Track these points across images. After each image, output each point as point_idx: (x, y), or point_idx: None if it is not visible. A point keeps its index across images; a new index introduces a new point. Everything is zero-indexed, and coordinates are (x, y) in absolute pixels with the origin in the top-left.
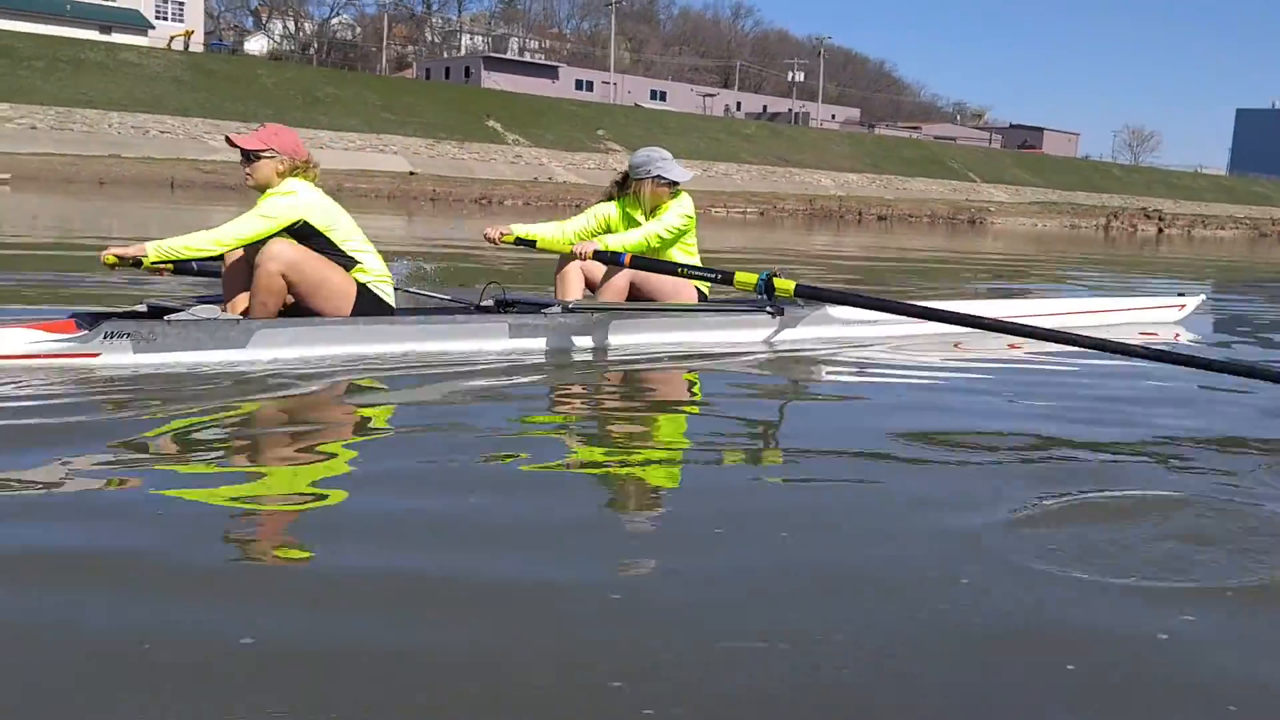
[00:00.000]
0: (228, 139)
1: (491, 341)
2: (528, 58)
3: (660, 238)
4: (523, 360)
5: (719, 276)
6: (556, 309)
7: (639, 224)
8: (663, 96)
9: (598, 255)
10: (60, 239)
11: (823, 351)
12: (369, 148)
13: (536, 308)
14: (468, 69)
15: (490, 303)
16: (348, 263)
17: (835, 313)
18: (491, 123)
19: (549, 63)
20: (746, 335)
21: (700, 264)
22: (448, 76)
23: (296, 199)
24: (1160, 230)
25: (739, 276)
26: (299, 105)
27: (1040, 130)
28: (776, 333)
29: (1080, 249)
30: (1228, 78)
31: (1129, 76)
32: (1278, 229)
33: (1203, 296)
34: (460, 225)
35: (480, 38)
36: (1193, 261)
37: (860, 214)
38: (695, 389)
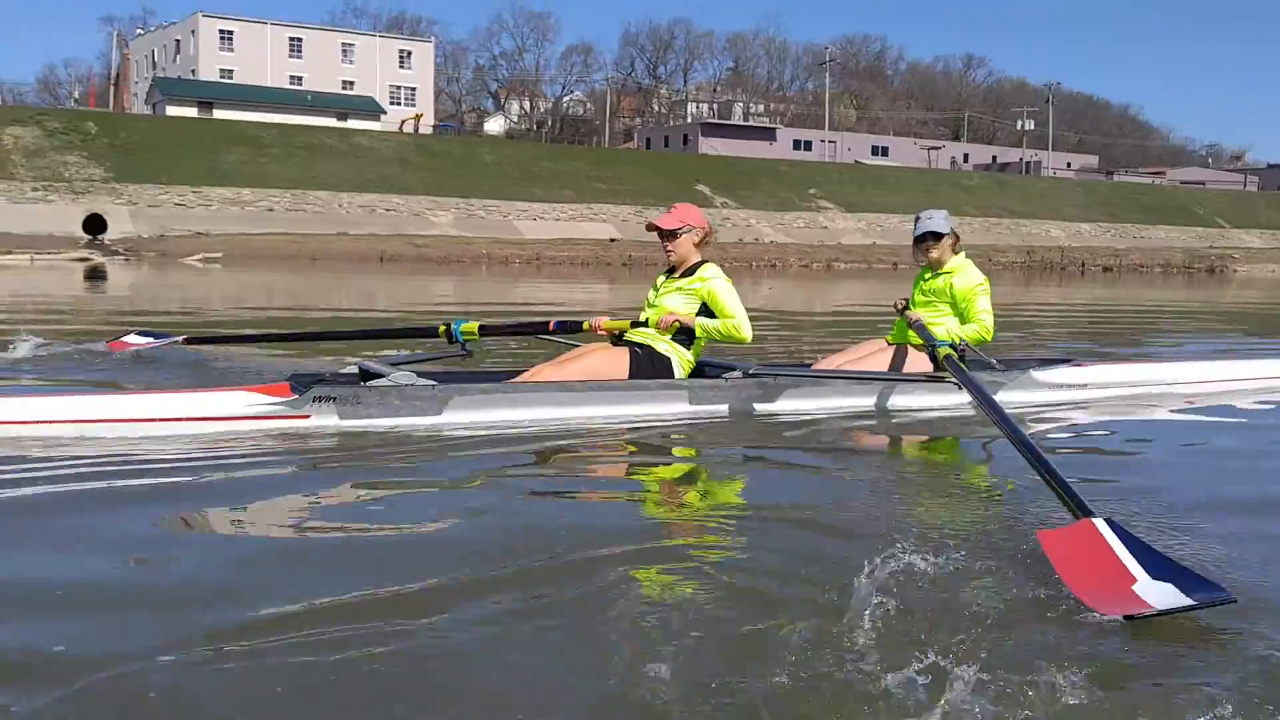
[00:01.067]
0: (648, 225)
1: (677, 405)
2: (751, 122)
3: (989, 329)
4: (708, 422)
5: (933, 343)
6: (737, 374)
7: (924, 279)
8: (885, 152)
9: (919, 334)
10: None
11: (1033, 414)
12: (579, 217)
13: (719, 371)
14: (686, 136)
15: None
16: (690, 340)
17: (1040, 376)
18: (700, 186)
19: (765, 125)
20: (934, 400)
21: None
22: (667, 145)
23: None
24: None
25: (939, 336)
26: (515, 179)
27: None
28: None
29: None
30: None
31: None
32: None
33: None
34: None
35: (706, 105)
36: None
37: (1084, 264)
38: (874, 449)
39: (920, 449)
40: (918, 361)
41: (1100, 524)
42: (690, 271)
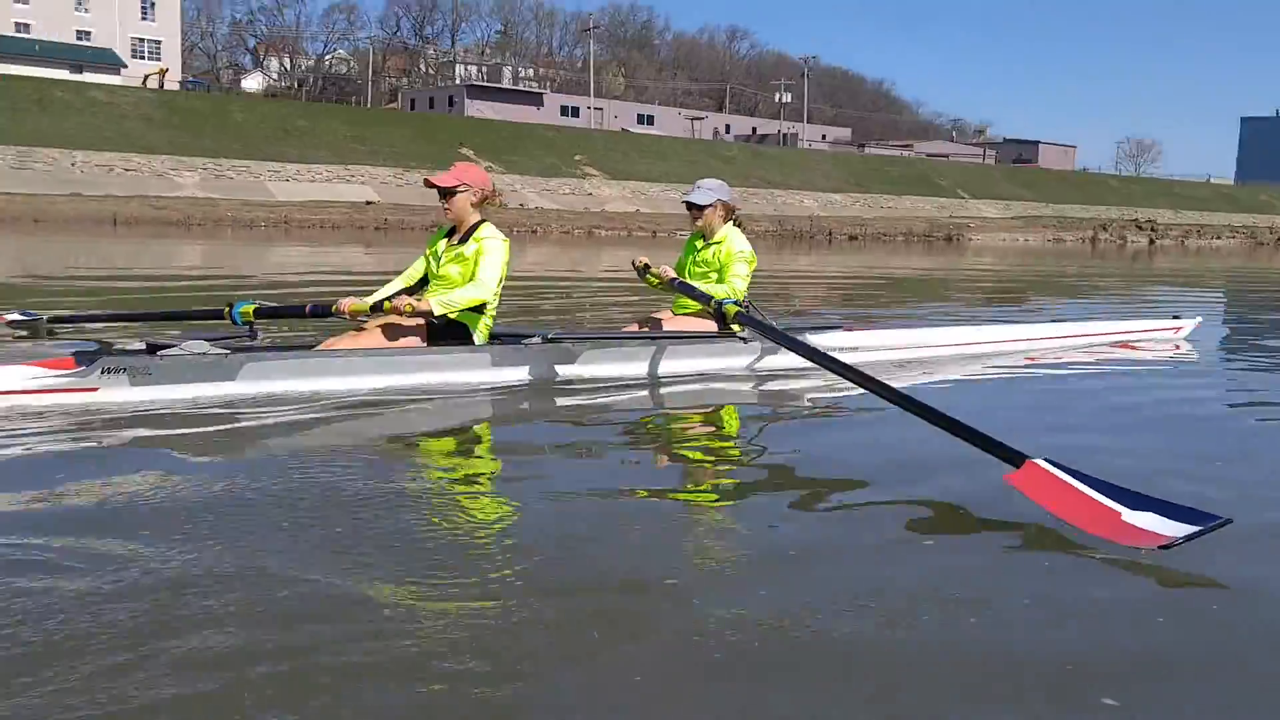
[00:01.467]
0: (425, 181)
1: (480, 372)
2: (519, 86)
3: (740, 292)
4: (508, 387)
5: (701, 296)
6: (537, 339)
7: (695, 247)
8: (650, 121)
9: (679, 286)
10: None
11: (795, 375)
12: (335, 178)
13: (518, 338)
14: (451, 99)
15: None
16: (482, 305)
17: (815, 340)
18: (465, 150)
19: (533, 90)
20: (721, 362)
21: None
22: (432, 107)
23: (506, 245)
24: (1152, 241)
25: (716, 295)
26: (268, 139)
27: (1036, 144)
28: (758, 359)
29: (1063, 263)
30: (1232, 86)
31: (1130, 87)
32: (1275, 236)
33: (1199, 319)
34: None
35: (474, 68)
36: (1185, 272)
37: (831, 233)
38: (676, 411)
39: (722, 407)
40: (707, 326)
41: (1044, 463)
42: (469, 234)
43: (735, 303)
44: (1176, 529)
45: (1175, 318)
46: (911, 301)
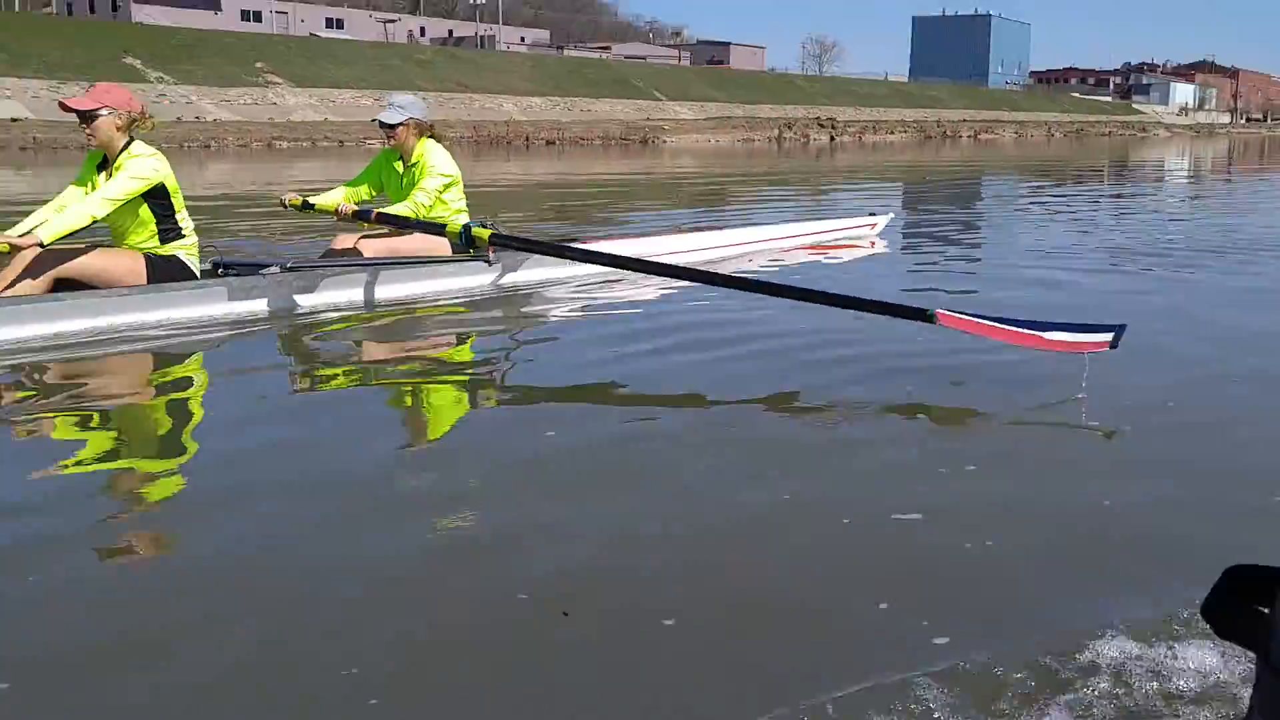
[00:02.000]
0: (61, 104)
1: (213, 306)
2: None
3: (425, 206)
4: (249, 321)
5: (432, 228)
6: (275, 269)
7: (395, 170)
8: (340, 24)
9: (356, 215)
10: None
11: (537, 291)
12: None
13: (254, 269)
14: (115, 2)
15: (209, 266)
16: (175, 232)
17: (545, 257)
18: (130, 60)
19: None
20: (463, 282)
21: (464, 212)
22: (93, 11)
23: (160, 162)
24: (833, 139)
25: (449, 228)
26: None
27: (727, 45)
28: (500, 277)
29: (754, 163)
30: None
31: None
32: (941, 130)
33: (891, 214)
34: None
35: None
36: (865, 166)
37: (528, 138)
38: (411, 334)
39: (467, 324)
40: (429, 243)
41: (946, 314)
42: (118, 159)
43: (480, 224)
44: (1100, 336)
45: (871, 214)
46: (623, 207)
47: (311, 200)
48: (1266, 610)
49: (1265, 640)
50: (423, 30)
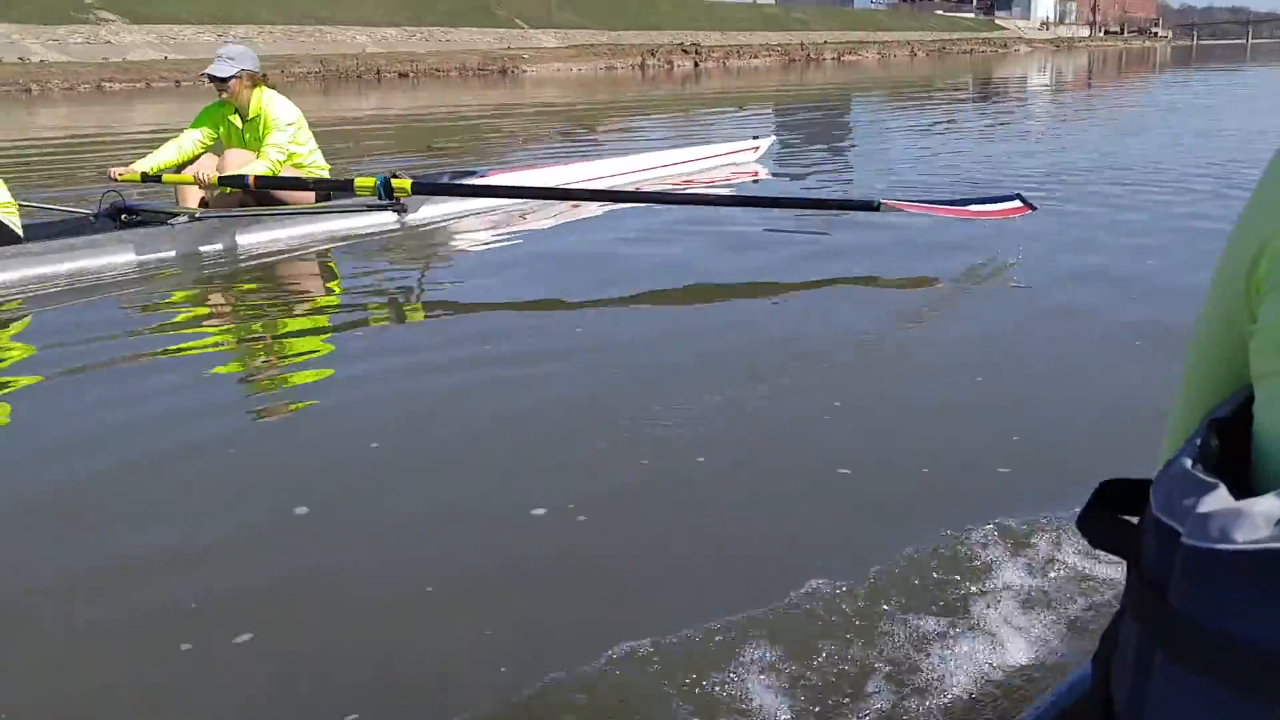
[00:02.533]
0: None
1: (120, 256)
2: None
3: (279, 162)
4: (156, 271)
5: (339, 186)
6: (183, 219)
7: (233, 125)
8: None
9: (223, 181)
10: None
11: (442, 226)
12: None
13: (161, 216)
14: None
15: (109, 209)
16: None
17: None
18: None
19: None
20: (374, 220)
21: (319, 161)
22: None
23: None
24: (697, 65)
25: (358, 183)
26: None
27: None
28: (402, 215)
29: (621, 90)
30: None
31: None
32: (805, 53)
33: (773, 137)
34: None
35: None
36: (732, 91)
37: (379, 72)
38: (327, 275)
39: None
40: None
41: (888, 201)
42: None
43: (393, 174)
44: (1015, 204)
45: (755, 138)
46: (497, 141)
47: (150, 170)
48: (1136, 520)
49: (1135, 549)
50: None
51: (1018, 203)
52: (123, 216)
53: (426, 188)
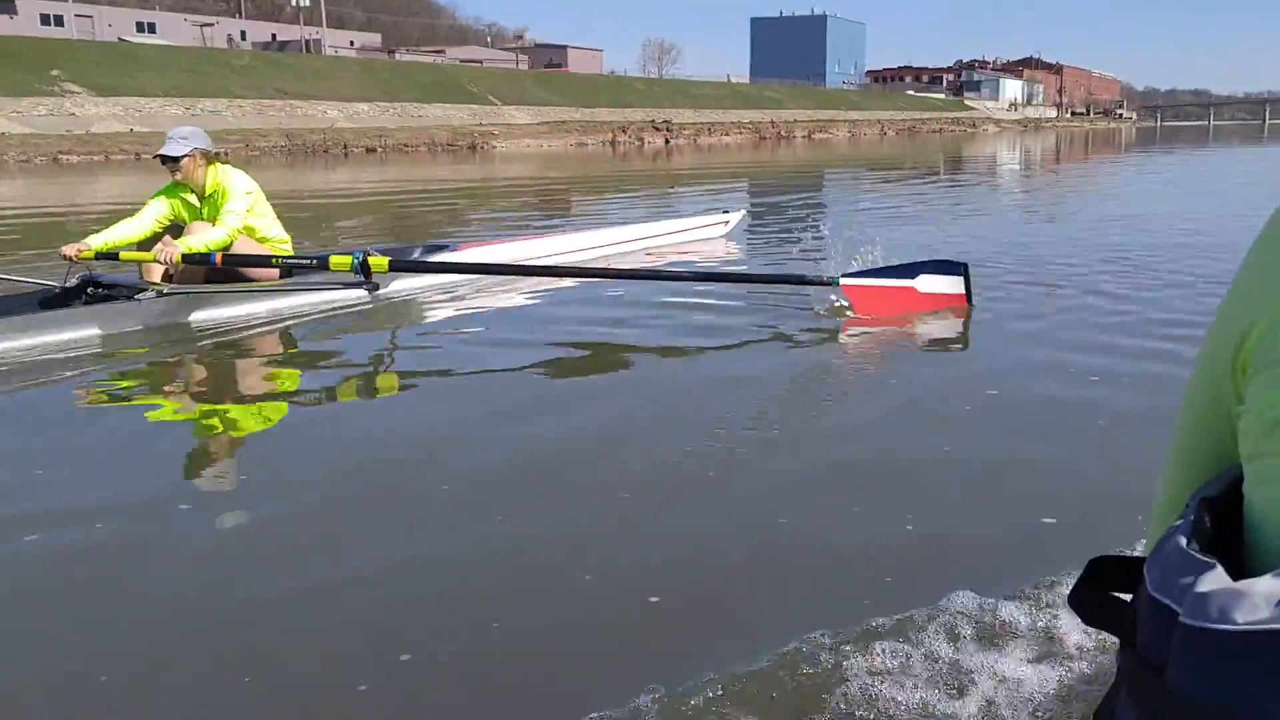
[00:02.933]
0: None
1: (84, 331)
2: None
3: (237, 229)
4: (123, 346)
5: (314, 262)
6: (151, 294)
7: (190, 204)
8: (152, 29)
9: (186, 259)
10: None
11: (412, 298)
12: None
13: (128, 291)
14: None
15: (76, 283)
16: None
17: (436, 261)
18: None
19: None
20: (343, 294)
21: (279, 234)
22: None
23: None
24: (667, 141)
25: (334, 261)
26: None
27: (565, 48)
28: (374, 290)
29: (591, 167)
30: None
31: None
32: (775, 130)
33: (743, 211)
34: None
35: None
36: (702, 169)
37: (346, 147)
38: (297, 348)
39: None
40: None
41: (845, 279)
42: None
43: (369, 251)
44: (955, 284)
45: (725, 211)
46: (465, 218)
47: (105, 246)
48: (1129, 598)
49: (1129, 627)
50: (244, 34)
51: (960, 288)
52: (89, 290)
53: (403, 265)
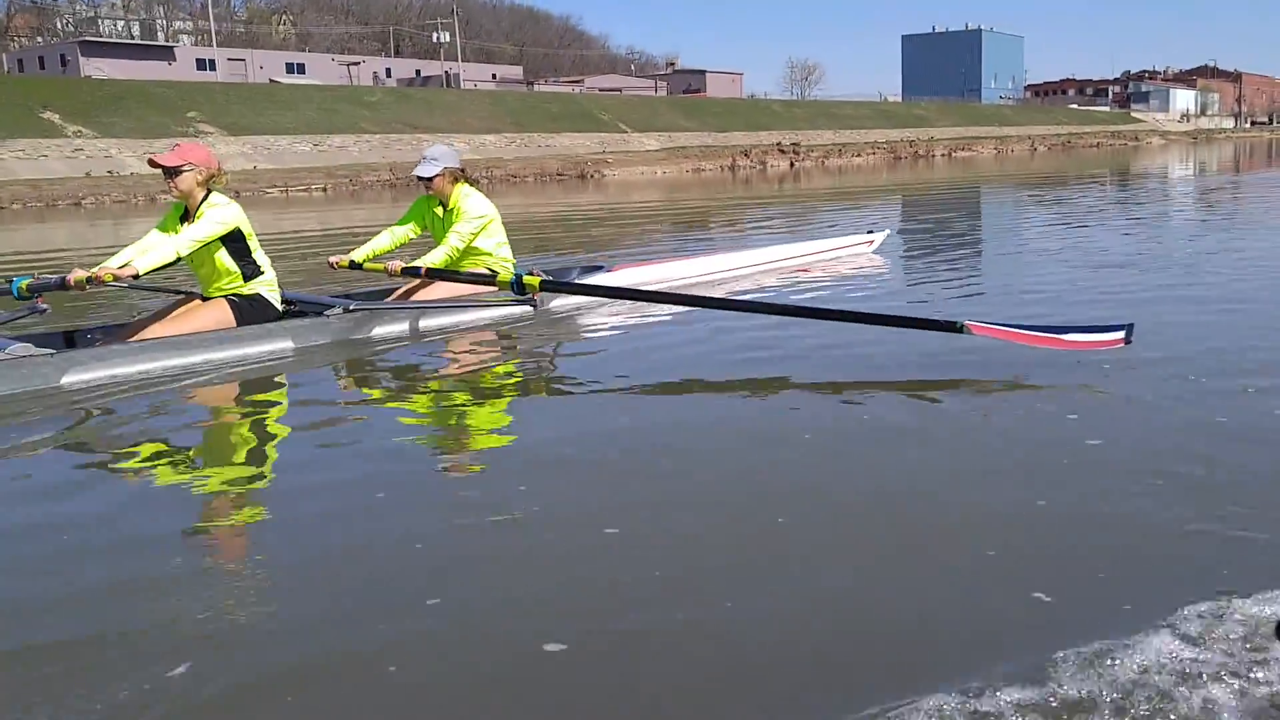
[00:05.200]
0: (150, 160)
1: (281, 344)
2: (141, 39)
3: (457, 249)
4: (312, 358)
5: (488, 279)
6: (338, 309)
7: (436, 215)
8: (301, 69)
9: (405, 271)
10: None
11: (573, 313)
12: None
13: (318, 308)
14: (64, 56)
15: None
16: (254, 270)
17: (594, 281)
18: (48, 114)
19: (158, 43)
20: (509, 310)
21: (506, 254)
22: (42, 67)
23: (236, 210)
24: (793, 164)
25: (500, 278)
26: None
27: (703, 73)
28: (534, 308)
29: (698, 193)
30: (890, 5)
31: (794, 12)
32: (913, 149)
33: (889, 231)
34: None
35: (119, 22)
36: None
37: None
38: (473, 358)
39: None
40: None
41: (974, 324)
42: (198, 208)
43: (529, 272)
44: (1113, 335)
45: (870, 232)
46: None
47: (358, 259)
48: None
49: None
50: (389, 71)
51: (1120, 334)
52: (287, 307)
53: (554, 285)
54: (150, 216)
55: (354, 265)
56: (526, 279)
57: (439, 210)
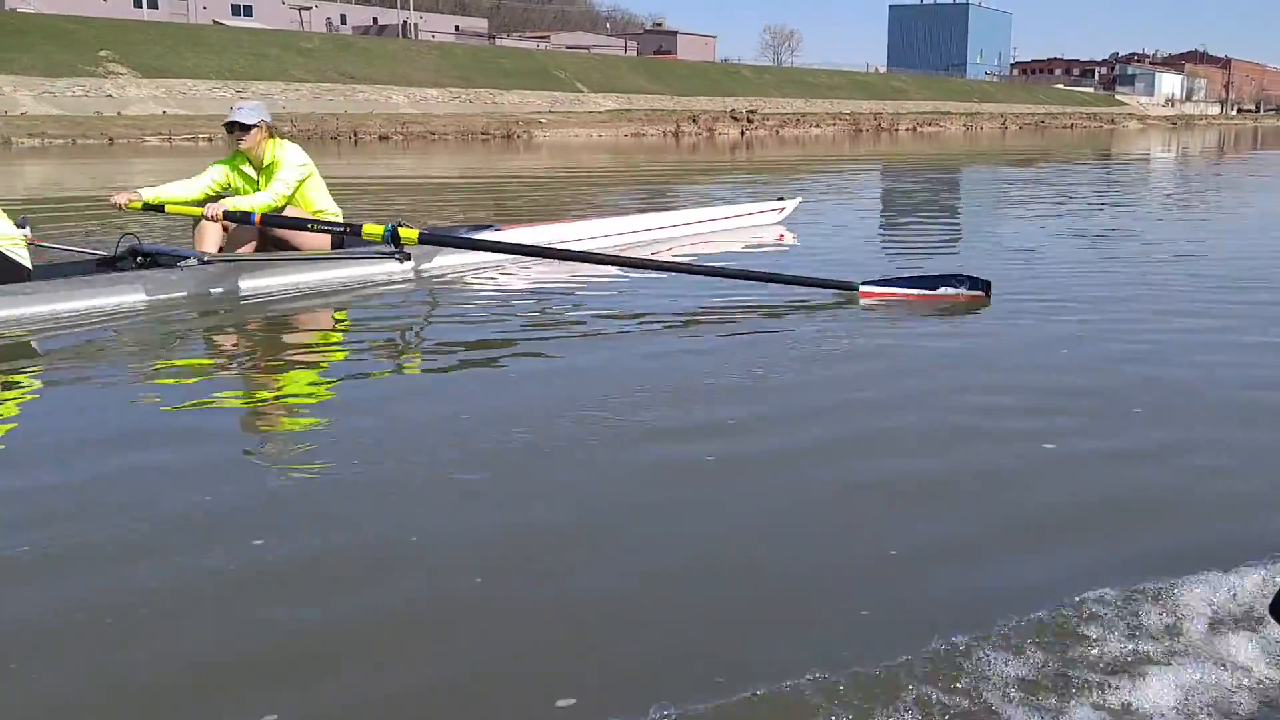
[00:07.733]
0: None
1: (131, 296)
2: None
3: (285, 196)
4: (166, 313)
5: (348, 229)
6: (194, 261)
7: (247, 175)
8: (248, 11)
9: (228, 215)
10: None
11: (446, 276)
12: None
13: (174, 259)
14: None
15: (124, 251)
16: None
17: (477, 238)
18: None
19: None
20: (383, 268)
21: (332, 209)
22: None
23: None
24: (744, 133)
25: (367, 229)
26: None
27: (675, 35)
28: (407, 263)
29: (631, 159)
30: None
31: None
32: (876, 122)
33: (799, 199)
34: None
35: None
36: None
37: (355, 134)
38: (336, 319)
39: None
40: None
41: (867, 287)
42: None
43: (401, 222)
44: (974, 288)
45: (780, 199)
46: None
47: (152, 199)
48: None
49: None
50: (343, 17)
51: (981, 291)
52: (137, 259)
53: (435, 239)
54: (40, 160)
55: (149, 208)
56: (403, 230)
57: (248, 168)
